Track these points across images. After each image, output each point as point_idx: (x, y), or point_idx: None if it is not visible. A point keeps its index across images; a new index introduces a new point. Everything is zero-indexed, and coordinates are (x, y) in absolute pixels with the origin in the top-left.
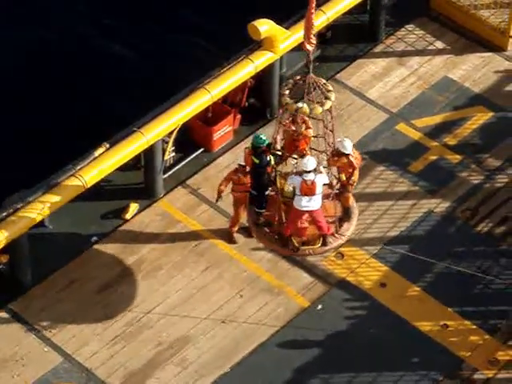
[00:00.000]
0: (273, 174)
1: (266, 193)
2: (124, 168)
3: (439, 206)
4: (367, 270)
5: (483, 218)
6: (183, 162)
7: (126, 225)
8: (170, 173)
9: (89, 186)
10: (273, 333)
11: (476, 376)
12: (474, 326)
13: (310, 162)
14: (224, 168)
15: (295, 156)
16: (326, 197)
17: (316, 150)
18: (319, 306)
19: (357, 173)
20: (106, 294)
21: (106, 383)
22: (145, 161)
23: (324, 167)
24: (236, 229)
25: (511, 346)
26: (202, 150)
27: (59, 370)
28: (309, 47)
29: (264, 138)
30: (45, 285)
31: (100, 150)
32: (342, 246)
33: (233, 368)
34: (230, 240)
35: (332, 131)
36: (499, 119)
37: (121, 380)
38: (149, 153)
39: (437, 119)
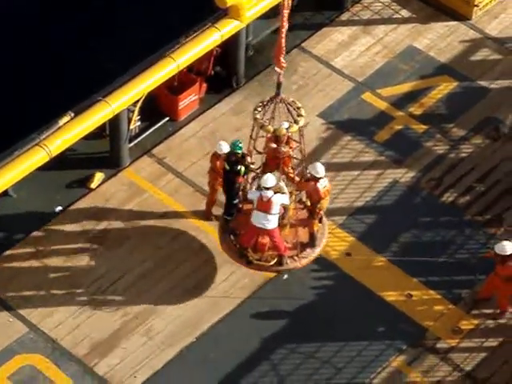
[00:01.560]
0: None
1: (236, 201)
2: (89, 137)
3: (404, 176)
4: (333, 240)
5: (448, 187)
6: (149, 131)
7: (91, 194)
8: (135, 142)
9: (54, 155)
10: (239, 303)
11: (439, 345)
12: (439, 296)
13: (269, 179)
14: (190, 137)
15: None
16: (300, 223)
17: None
18: (285, 276)
19: (325, 202)
20: (71, 264)
21: (72, 353)
22: (110, 130)
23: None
24: (212, 207)
25: (474, 316)
26: (167, 118)
27: (24, 341)
28: (278, 70)
29: (241, 146)
30: (9, 255)
31: (65, 119)
32: (295, 268)
33: (199, 338)
34: (208, 218)
35: (303, 153)
36: (464, 89)
37: (87, 350)
38: (114, 122)
39: (402, 88)
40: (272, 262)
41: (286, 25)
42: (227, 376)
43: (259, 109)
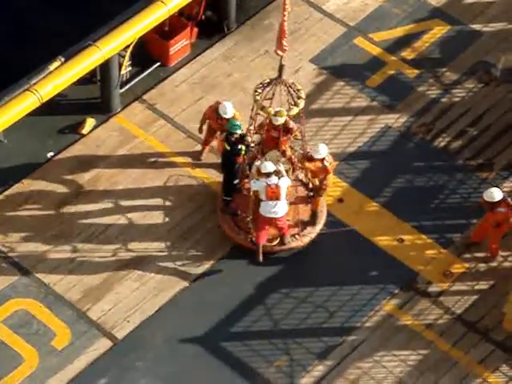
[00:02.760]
0: (244, 165)
1: (236, 182)
2: (80, 82)
3: (397, 121)
4: None
5: (439, 132)
6: (140, 77)
7: (82, 140)
8: (126, 87)
9: (44, 100)
10: (232, 248)
11: (431, 289)
12: (430, 241)
13: (268, 164)
14: (181, 83)
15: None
16: (300, 200)
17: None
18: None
19: (330, 177)
20: (63, 209)
21: (65, 298)
22: (101, 75)
23: (283, 166)
24: (207, 147)
25: (466, 259)
26: (158, 64)
27: (17, 286)
28: (280, 53)
29: (239, 124)
30: (1, 200)
31: (55, 64)
32: (297, 246)
33: (192, 283)
34: (199, 156)
35: (302, 135)
36: (456, 32)
37: (79, 295)
38: (105, 67)
39: (394, 33)
40: (275, 242)
41: (288, 8)
42: (220, 321)
43: (259, 90)
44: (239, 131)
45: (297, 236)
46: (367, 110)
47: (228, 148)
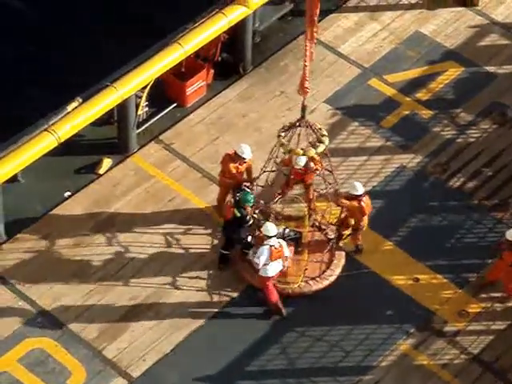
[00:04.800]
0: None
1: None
2: (97, 123)
3: (412, 161)
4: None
5: (455, 172)
6: (156, 117)
7: (99, 180)
8: (143, 128)
9: (62, 140)
10: (247, 286)
11: (446, 328)
12: (445, 280)
13: (271, 227)
14: (197, 123)
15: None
16: (318, 245)
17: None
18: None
19: (366, 219)
20: (80, 248)
21: (81, 337)
22: (118, 115)
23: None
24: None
25: (481, 299)
26: (175, 104)
27: (33, 324)
28: (302, 95)
29: (251, 199)
30: (19, 239)
31: (73, 105)
32: (317, 289)
33: (207, 321)
34: (220, 215)
35: (331, 171)
36: (470, 74)
37: (95, 333)
38: (122, 107)
39: (409, 74)
40: (296, 286)
41: (310, 54)
42: (236, 359)
43: (283, 133)
44: (251, 204)
45: (317, 279)
46: (382, 150)
47: (238, 214)
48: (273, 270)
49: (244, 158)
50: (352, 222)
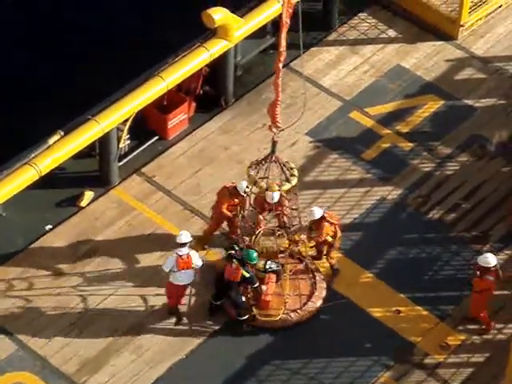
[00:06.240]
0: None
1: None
2: (79, 156)
3: (391, 193)
4: None
5: (434, 204)
6: (138, 150)
7: (80, 213)
8: (124, 161)
9: (43, 173)
10: (226, 321)
11: (427, 360)
12: (426, 312)
13: (183, 235)
14: (179, 156)
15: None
16: (296, 274)
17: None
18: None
19: (338, 230)
20: (61, 282)
21: (61, 371)
22: (100, 149)
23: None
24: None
25: (461, 331)
26: (157, 137)
27: (13, 359)
28: (274, 129)
29: (256, 256)
30: None
31: (54, 138)
32: (299, 321)
33: (188, 355)
34: (202, 248)
35: (297, 209)
36: (450, 107)
37: (76, 367)
38: (104, 141)
39: (389, 107)
40: (277, 318)
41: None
42: None
43: (253, 167)
44: (255, 262)
45: (298, 311)
46: (362, 182)
47: (247, 275)
48: (181, 278)
49: (242, 196)
50: (330, 238)
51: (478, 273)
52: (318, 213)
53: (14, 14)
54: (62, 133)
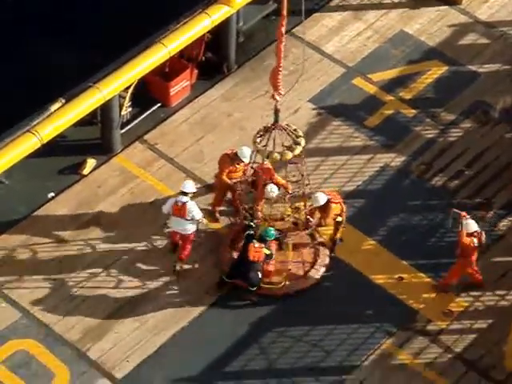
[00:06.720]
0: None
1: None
2: (80, 123)
3: (394, 160)
4: None
5: (437, 171)
6: (140, 117)
7: (83, 180)
8: (127, 128)
9: (45, 141)
10: (230, 288)
11: (430, 327)
12: (428, 279)
13: (188, 184)
14: (181, 123)
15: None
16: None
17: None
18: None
19: (344, 206)
20: (64, 249)
21: (65, 338)
22: (101, 116)
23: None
24: (219, 208)
25: (464, 298)
26: (159, 104)
27: (17, 326)
28: (277, 97)
29: (273, 232)
30: (2, 240)
31: (56, 106)
32: (302, 288)
33: (191, 323)
34: (215, 220)
35: (303, 175)
36: (453, 73)
37: (79, 335)
38: (105, 108)
39: (393, 73)
40: (280, 286)
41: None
42: (218, 360)
43: (258, 139)
44: (272, 238)
45: (302, 278)
46: (365, 149)
47: (268, 252)
48: (173, 224)
49: (243, 161)
50: (338, 219)
51: (465, 238)
52: (322, 199)
53: None
54: (64, 100)
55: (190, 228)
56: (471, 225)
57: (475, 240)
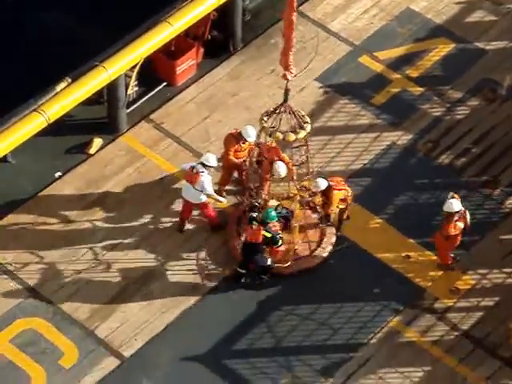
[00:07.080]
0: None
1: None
2: (87, 103)
3: (401, 138)
4: None
5: (444, 149)
6: (146, 97)
7: (89, 160)
8: (133, 107)
9: (51, 121)
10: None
11: (437, 305)
12: (435, 257)
13: (210, 157)
14: (187, 102)
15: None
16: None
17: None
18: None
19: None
20: (71, 228)
21: (73, 317)
22: (108, 95)
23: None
24: (225, 188)
25: (471, 276)
26: (165, 83)
27: (25, 305)
28: (288, 77)
29: (274, 213)
30: (9, 219)
31: (62, 85)
32: (309, 267)
33: (198, 301)
34: (220, 195)
35: (307, 159)
36: (461, 50)
37: (87, 314)
38: (112, 87)
39: (399, 51)
40: (286, 264)
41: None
42: (225, 338)
43: (265, 118)
44: (275, 220)
45: (308, 257)
46: (372, 127)
47: (269, 235)
48: (184, 190)
49: (247, 141)
50: (341, 206)
51: (451, 219)
52: (322, 184)
53: None
54: (70, 80)
55: (197, 197)
56: (454, 204)
57: (460, 224)
